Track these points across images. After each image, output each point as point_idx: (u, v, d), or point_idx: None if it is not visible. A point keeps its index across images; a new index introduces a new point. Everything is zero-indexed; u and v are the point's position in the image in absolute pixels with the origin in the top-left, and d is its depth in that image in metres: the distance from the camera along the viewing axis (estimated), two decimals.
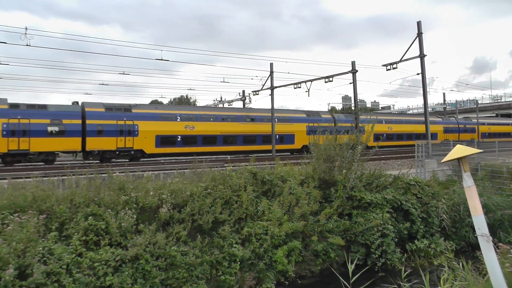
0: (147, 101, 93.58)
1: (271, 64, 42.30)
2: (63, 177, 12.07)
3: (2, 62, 57.49)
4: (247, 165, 13.88)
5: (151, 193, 11.20)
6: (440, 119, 63.59)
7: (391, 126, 54.53)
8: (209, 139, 39.19)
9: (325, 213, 12.86)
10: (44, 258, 8.75)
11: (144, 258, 9.64)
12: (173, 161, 35.39)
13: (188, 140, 37.71)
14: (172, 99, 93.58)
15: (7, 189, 10.64)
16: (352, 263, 7.34)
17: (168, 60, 39.28)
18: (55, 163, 30.74)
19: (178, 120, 37.84)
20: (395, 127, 55.59)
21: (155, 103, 69.84)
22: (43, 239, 9.16)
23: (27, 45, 30.13)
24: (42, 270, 8.35)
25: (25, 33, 30.19)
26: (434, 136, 57.48)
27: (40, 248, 8.83)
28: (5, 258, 7.97)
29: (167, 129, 36.72)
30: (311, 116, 47.65)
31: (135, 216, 10.42)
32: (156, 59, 36.62)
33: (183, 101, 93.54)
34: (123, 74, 47.28)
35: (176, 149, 37.26)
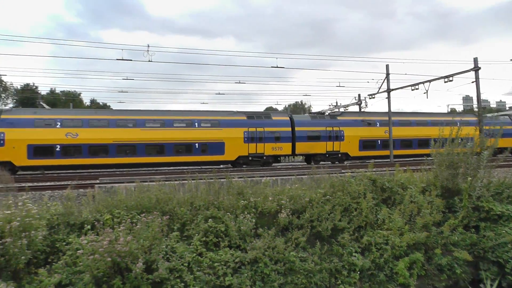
0: (261, 108, 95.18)
1: (387, 66, 39.52)
2: (183, 181, 12.37)
3: (128, 78, 62.10)
4: (366, 171, 13.26)
5: (270, 198, 11.02)
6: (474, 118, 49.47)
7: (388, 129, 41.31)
8: (98, 149, 32.74)
9: (449, 224, 11.70)
10: (167, 255, 8.98)
11: (263, 262, 9.43)
12: (290, 167, 34.05)
13: (70, 150, 31.76)
14: (286, 106, 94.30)
15: (134, 191, 11.12)
16: (484, 283, 6.46)
17: (283, 67, 38.21)
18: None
19: (57, 126, 31.69)
20: (401, 131, 42.11)
21: (269, 110, 70.54)
22: (166, 238, 9.38)
23: (149, 61, 32.16)
24: (166, 266, 8.53)
25: (147, 50, 32.32)
26: (467, 141, 44.54)
27: (164, 246, 9.05)
28: (135, 253, 8.19)
29: (41, 137, 30.97)
30: (255, 118, 38.20)
31: (254, 220, 10.28)
32: (272, 66, 36.88)
33: (297, 107, 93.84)
34: (239, 83, 48.31)
35: (54, 161, 31.19)
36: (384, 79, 40.28)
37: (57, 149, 31.25)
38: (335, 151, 39.94)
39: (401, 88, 41.04)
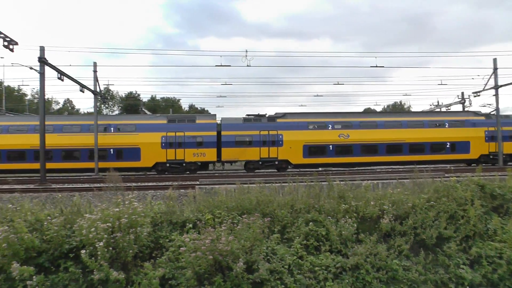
0: (359, 109, 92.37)
1: (494, 60, 34.87)
2: (284, 184, 12.13)
3: (226, 83, 63.87)
4: (473, 176, 12.19)
5: (372, 202, 10.43)
6: (482, 118, 38.72)
7: (346, 133, 36.07)
8: (15, 155, 32.47)
9: None
10: (268, 257, 8.75)
11: (364, 268, 8.86)
12: (390, 170, 31.72)
13: None
14: (385, 106, 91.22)
15: (234, 192, 11.08)
16: None
17: (383, 66, 35.95)
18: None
19: None
20: (356, 134, 36.23)
21: (367, 111, 68.77)
22: (267, 240, 9.13)
23: (247, 65, 32.53)
24: (267, 267, 8.32)
25: (246, 55, 32.77)
26: (459, 146, 36.45)
27: (264, 248, 8.85)
28: (236, 253, 8.10)
29: None
30: (177, 122, 35.32)
31: (355, 225, 9.71)
32: (371, 66, 35.38)
33: (396, 108, 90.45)
34: (337, 84, 47.04)
35: None
36: (491, 75, 36.06)
37: None
38: (271, 157, 35.15)
39: (511, 84, 36.48)
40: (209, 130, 34.92)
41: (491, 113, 40.13)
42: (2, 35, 20.26)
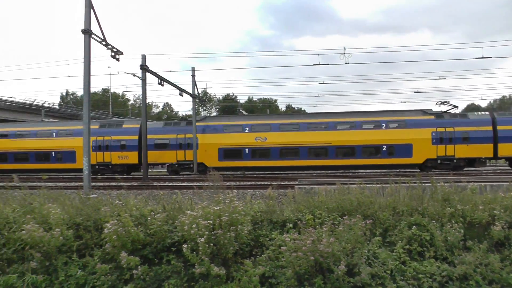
0: (462, 105, 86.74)
1: None
2: (384, 185, 11.63)
3: (324, 82, 63.66)
4: None
5: (480, 207, 9.55)
6: (431, 117, 33.93)
7: (263, 136, 34.51)
8: None
9: None
10: (369, 260, 8.33)
11: (474, 280, 8.11)
12: (498, 171, 29.18)
13: None
14: (491, 101, 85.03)
15: (334, 193, 10.79)
16: None
17: (490, 57, 33.14)
18: None
19: None
20: (275, 137, 34.53)
21: (470, 107, 64.59)
22: (368, 243, 8.74)
23: (346, 63, 31.95)
24: (368, 271, 7.91)
25: (344, 53, 32.23)
26: (399, 149, 32.66)
27: (366, 251, 8.44)
28: (337, 255, 7.85)
29: None
30: (107, 127, 37.79)
31: (462, 231, 8.93)
32: (476, 57, 32.12)
33: (505, 102, 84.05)
34: (438, 79, 44.28)
35: None
36: None
37: None
38: (187, 160, 35.50)
39: None
40: (131, 134, 36.95)
41: (449, 111, 36.20)
42: (110, 46, 21.54)
